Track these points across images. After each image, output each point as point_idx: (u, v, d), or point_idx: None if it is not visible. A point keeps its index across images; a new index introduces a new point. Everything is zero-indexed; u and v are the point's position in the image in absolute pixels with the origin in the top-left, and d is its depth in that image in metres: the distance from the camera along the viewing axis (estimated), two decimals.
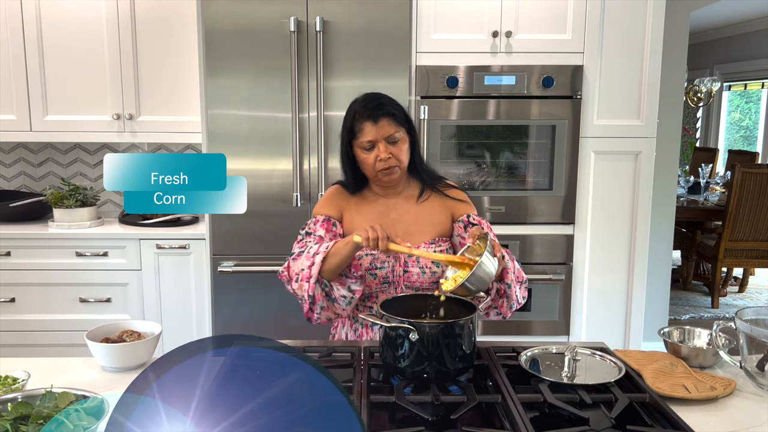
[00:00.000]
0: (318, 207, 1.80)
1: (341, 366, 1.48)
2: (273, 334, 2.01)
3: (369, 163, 1.68)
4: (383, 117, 1.66)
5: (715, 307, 4.99)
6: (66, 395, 1.17)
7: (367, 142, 1.66)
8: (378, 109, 1.66)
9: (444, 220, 1.78)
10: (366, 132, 1.65)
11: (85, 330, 1.55)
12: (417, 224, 1.76)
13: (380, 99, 1.70)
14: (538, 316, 2.95)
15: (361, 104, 1.69)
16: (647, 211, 2.93)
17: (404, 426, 1.21)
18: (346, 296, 1.65)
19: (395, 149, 1.67)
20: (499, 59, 2.82)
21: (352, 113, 1.70)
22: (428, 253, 1.61)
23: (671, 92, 3.57)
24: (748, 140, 7.89)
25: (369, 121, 1.65)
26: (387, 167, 1.67)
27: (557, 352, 1.50)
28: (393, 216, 1.77)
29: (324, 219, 1.76)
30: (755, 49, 7.02)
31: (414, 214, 1.77)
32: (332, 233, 1.74)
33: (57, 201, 3.04)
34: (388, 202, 1.78)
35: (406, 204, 1.78)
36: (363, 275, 1.69)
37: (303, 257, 1.64)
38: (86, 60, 3.02)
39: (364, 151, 1.68)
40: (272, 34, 2.70)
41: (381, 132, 1.65)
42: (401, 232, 1.74)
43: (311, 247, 1.66)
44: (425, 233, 1.75)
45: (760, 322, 1.51)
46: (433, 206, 1.79)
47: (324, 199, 1.81)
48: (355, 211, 1.78)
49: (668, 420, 1.21)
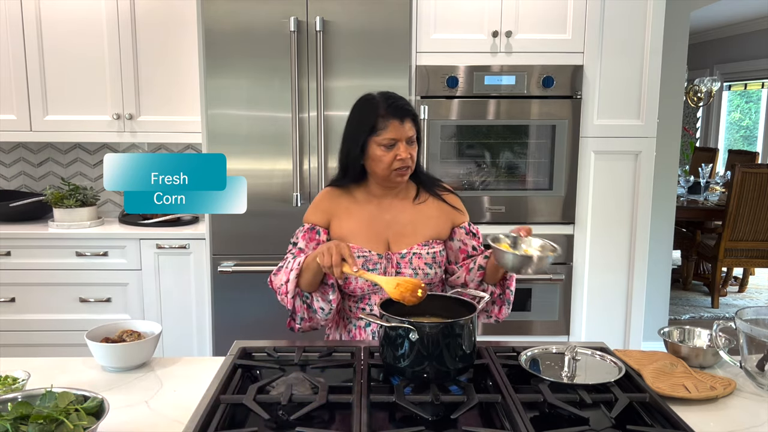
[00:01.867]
0: (306, 213, 1.81)
1: (341, 366, 1.48)
2: (273, 335, 2.00)
3: (386, 161, 1.67)
4: (407, 117, 1.68)
5: (715, 307, 4.99)
6: (66, 395, 1.17)
7: (389, 140, 1.66)
8: (402, 108, 1.68)
9: (441, 224, 1.79)
10: (391, 130, 1.66)
11: (85, 330, 1.55)
12: (412, 225, 1.76)
13: (401, 99, 1.72)
14: (538, 316, 2.95)
15: (383, 102, 1.69)
16: (647, 211, 2.93)
17: (404, 426, 1.21)
18: (324, 308, 1.69)
19: (412, 150, 1.69)
20: (499, 59, 2.82)
21: (374, 109, 1.68)
22: (370, 275, 1.54)
23: (671, 92, 3.57)
24: (748, 140, 7.89)
25: (396, 120, 1.66)
26: (403, 167, 1.68)
27: (557, 352, 1.50)
28: (387, 217, 1.76)
29: (308, 228, 1.77)
30: (755, 49, 7.02)
31: (410, 215, 1.77)
32: (315, 242, 1.75)
33: (57, 201, 3.04)
34: (382, 203, 1.77)
35: (402, 204, 1.78)
36: (336, 283, 1.69)
37: (282, 272, 1.69)
38: (86, 60, 3.02)
39: (383, 149, 1.67)
40: (272, 34, 2.70)
41: (404, 132, 1.67)
42: (395, 233, 1.75)
43: (289, 262, 1.69)
44: (419, 235, 1.75)
45: (760, 322, 1.51)
46: (430, 208, 1.79)
47: (312, 205, 1.81)
48: (345, 214, 1.77)
49: (668, 420, 1.21)
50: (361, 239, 1.72)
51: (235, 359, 1.47)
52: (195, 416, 1.20)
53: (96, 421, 1.13)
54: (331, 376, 1.42)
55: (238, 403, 1.26)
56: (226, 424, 1.23)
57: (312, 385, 1.32)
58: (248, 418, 1.25)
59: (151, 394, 1.38)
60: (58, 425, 1.09)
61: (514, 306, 1.79)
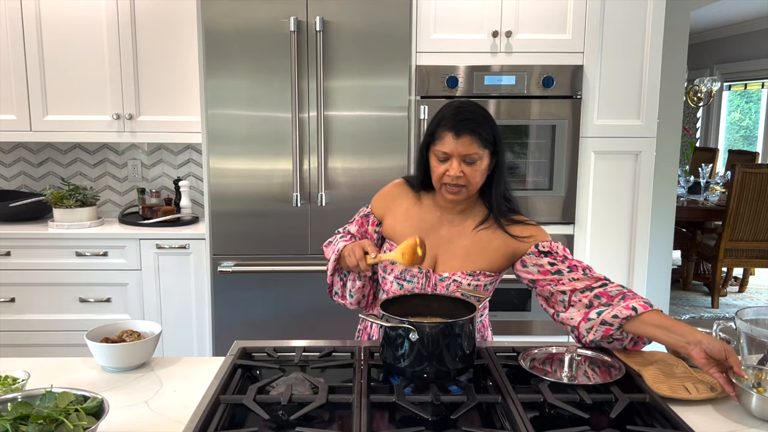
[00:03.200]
0: (374, 198, 1.81)
1: (341, 366, 1.48)
2: (273, 335, 2.02)
3: (437, 173, 1.59)
4: (467, 134, 1.54)
5: (715, 307, 4.99)
6: (66, 395, 1.17)
7: (442, 153, 1.56)
8: (465, 123, 1.54)
9: (498, 257, 1.64)
10: (445, 142, 1.55)
11: (85, 330, 1.55)
12: (465, 250, 1.65)
13: (471, 114, 1.57)
14: (538, 316, 2.95)
15: (450, 112, 1.58)
16: (647, 211, 2.93)
17: (404, 426, 1.21)
18: (351, 290, 1.73)
19: (469, 170, 1.56)
20: (499, 59, 2.82)
21: (439, 117, 1.60)
22: (386, 255, 1.60)
23: (671, 92, 3.57)
24: (748, 140, 7.89)
25: (451, 133, 1.54)
26: (453, 184, 1.58)
27: (557, 352, 1.50)
28: (443, 233, 1.68)
29: (365, 214, 1.80)
30: (755, 49, 7.03)
31: (467, 239, 1.66)
32: (364, 229, 1.79)
33: (57, 201, 3.04)
34: (444, 217, 1.69)
35: (463, 225, 1.67)
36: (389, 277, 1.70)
37: (330, 247, 1.75)
38: (86, 60, 3.03)
39: (437, 161, 1.59)
40: (272, 34, 2.70)
41: (459, 148, 1.54)
42: (445, 252, 1.66)
43: (337, 241, 1.74)
44: (469, 263, 1.64)
45: (760, 322, 1.51)
46: (491, 239, 1.65)
47: (381, 192, 1.80)
48: (403, 215, 1.71)
49: (668, 420, 1.21)
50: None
51: (235, 359, 1.47)
52: (195, 416, 1.20)
53: (96, 421, 1.13)
54: (331, 376, 1.41)
55: (238, 403, 1.26)
56: (226, 424, 1.23)
57: (312, 385, 1.32)
58: (248, 418, 1.25)
59: (151, 394, 1.38)
60: (58, 425, 1.09)
61: (514, 306, 1.78)
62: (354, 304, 1.78)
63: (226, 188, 2.79)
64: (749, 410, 1.29)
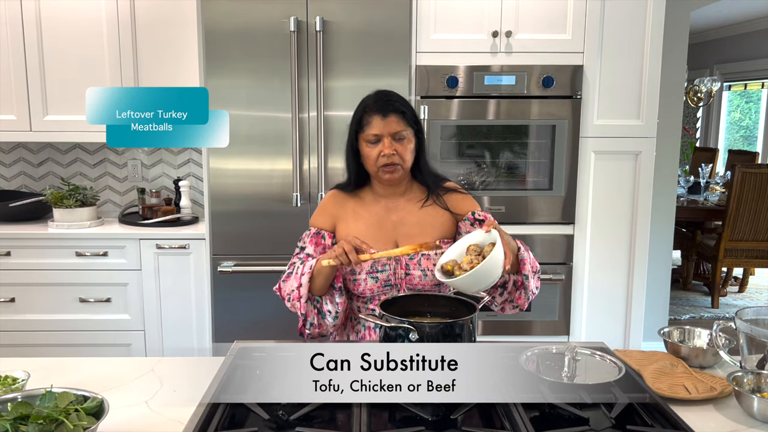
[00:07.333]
0: (312, 217, 1.82)
1: None
2: (273, 335, 2.02)
3: (372, 157, 1.68)
4: (392, 113, 1.67)
5: (715, 307, 4.99)
6: (66, 395, 1.17)
7: (373, 135, 1.67)
8: (388, 104, 1.68)
9: (446, 221, 1.78)
10: (374, 125, 1.67)
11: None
12: (419, 226, 1.75)
13: (391, 95, 1.73)
14: (538, 316, 2.95)
15: (372, 99, 1.72)
16: (647, 211, 2.93)
17: (404, 426, 1.21)
18: (332, 311, 1.69)
19: (400, 147, 1.68)
20: (499, 59, 2.82)
21: (362, 106, 1.72)
22: (385, 252, 1.61)
23: (671, 92, 3.57)
24: (748, 140, 7.89)
25: (378, 115, 1.67)
26: (389, 163, 1.67)
27: (557, 352, 1.50)
28: (395, 218, 1.76)
29: (314, 233, 1.78)
30: (755, 49, 7.02)
31: (417, 216, 1.77)
32: (321, 246, 1.77)
33: (57, 201, 3.04)
34: (389, 204, 1.78)
35: (409, 206, 1.78)
36: (343, 286, 1.69)
37: (292, 278, 1.69)
38: (86, 60, 3.02)
39: (369, 145, 1.68)
40: (272, 34, 2.70)
41: (388, 127, 1.66)
42: (403, 234, 1.74)
43: (298, 267, 1.70)
44: (427, 235, 1.74)
45: (760, 322, 1.50)
46: (436, 209, 1.78)
47: (318, 208, 1.82)
48: (353, 217, 1.77)
49: (668, 420, 1.21)
50: (369, 241, 1.71)
51: (235, 359, 1.47)
52: (195, 416, 1.20)
53: (96, 421, 1.13)
54: None
55: (238, 403, 1.26)
56: (226, 424, 1.23)
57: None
58: (248, 418, 1.26)
59: (151, 394, 1.38)
60: (58, 425, 1.09)
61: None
62: (338, 326, 1.75)
63: (226, 188, 2.79)
64: (751, 414, 1.30)
